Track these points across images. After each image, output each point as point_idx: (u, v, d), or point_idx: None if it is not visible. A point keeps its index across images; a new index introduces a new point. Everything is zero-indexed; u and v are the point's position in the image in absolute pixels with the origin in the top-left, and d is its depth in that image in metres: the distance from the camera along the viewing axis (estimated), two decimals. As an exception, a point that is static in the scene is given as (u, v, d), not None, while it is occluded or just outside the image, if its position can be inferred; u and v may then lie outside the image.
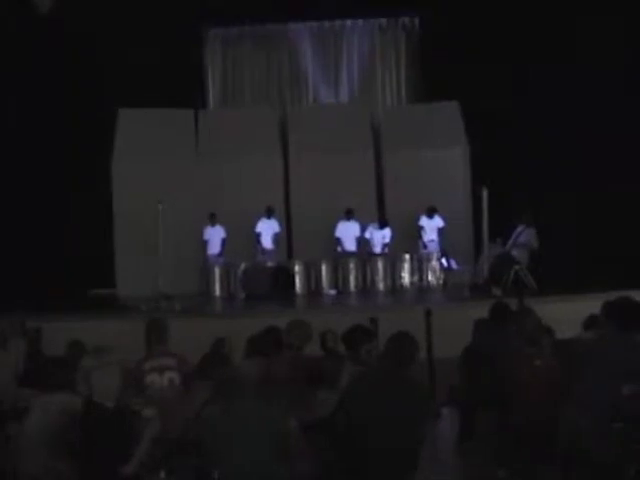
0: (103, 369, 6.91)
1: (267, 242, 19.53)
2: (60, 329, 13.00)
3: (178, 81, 20.45)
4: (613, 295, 7.72)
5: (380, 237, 19.52)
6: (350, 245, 19.51)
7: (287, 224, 20.49)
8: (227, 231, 19.40)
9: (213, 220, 19.38)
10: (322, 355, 8.74)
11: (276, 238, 19.62)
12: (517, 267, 17.35)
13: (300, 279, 19.14)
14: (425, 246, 19.54)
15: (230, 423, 6.28)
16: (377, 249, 19.53)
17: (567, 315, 10.73)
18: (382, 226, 19.55)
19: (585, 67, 18.72)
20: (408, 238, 19.69)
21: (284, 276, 18.70)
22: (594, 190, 18.63)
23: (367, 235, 19.54)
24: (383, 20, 23.23)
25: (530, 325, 8.42)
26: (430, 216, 19.50)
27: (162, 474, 6.77)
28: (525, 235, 17.63)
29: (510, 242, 17.65)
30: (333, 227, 19.48)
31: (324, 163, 20.02)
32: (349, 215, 19.38)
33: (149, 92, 19.81)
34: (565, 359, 7.70)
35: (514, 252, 17.51)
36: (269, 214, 19.43)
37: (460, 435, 9.00)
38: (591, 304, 9.75)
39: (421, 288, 19.25)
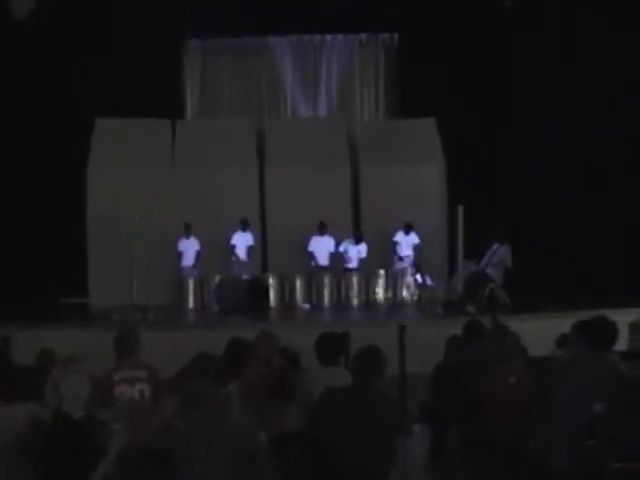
0: (72, 379, 6.83)
1: (242, 254, 19.48)
2: (30, 338, 12.87)
3: (156, 91, 20.38)
4: (587, 314, 7.75)
5: (355, 252, 19.50)
6: (323, 260, 19.49)
7: (262, 237, 20.44)
8: (202, 243, 19.33)
9: (188, 232, 19.31)
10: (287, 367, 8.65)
11: (250, 251, 19.56)
12: (492, 285, 17.38)
13: (274, 292, 19.08)
14: (401, 258, 19.51)
15: (197, 436, 6.23)
16: (353, 264, 19.48)
17: (540, 333, 10.70)
18: (358, 241, 19.52)
19: (566, 82, 18.80)
20: (383, 253, 19.70)
21: (258, 289, 18.64)
22: (569, 208, 18.69)
23: (341, 249, 19.50)
24: (363, 35, 23.26)
25: (509, 342, 8.40)
26: (407, 232, 19.52)
27: (129, 486, 6.70)
28: (500, 253, 17.67)
29: (485, 260, 17.68)
30: (308, 240, 19.44)
31: (301, 176, 19.99)
32: (322, 230, 19.36)
33: (127, 101, 19.75)
34: (537, 377, 7.70)
35: (489, 270, 17.54)
36: (244, 227, 19.38)
37: (430, 452, 8.96)
38: (564, 322, 9.76)
39: (395, 304, 19.22)
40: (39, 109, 19.32)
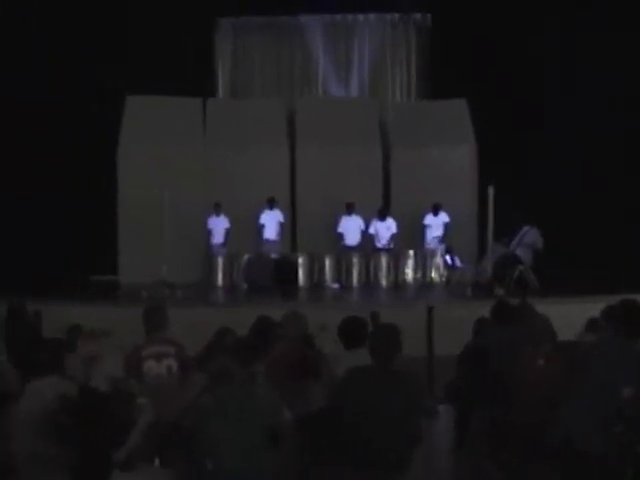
0: (102, 355, 6.86)
1: (271, 233, 19.48)
2: (60, 313, 13.00)
3: (188, 69, 20.43)
4: (616, 298, 7.69)
5: (385, 229, 19.42)
6: (352, 239, 19.46)
7: (292, 216, 20.44)
8: (231, 221, 19.36)
9: (218, 210, 19.33)
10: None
11: (281, 228, 19.57)
12: (521, 267, 17.33)
13: (303, 272, 19.10)
14: (430, 242, 19.47)
15: (223, 413, 6.25)
16: (383, 242, 19.39)
17: (569, 317, 10.67)
18: (382, 217, 19.43)
19: (596, 65, 18.62)
20: (412, 234, 19.65)
21: (287, 268, 18.68)
22: (601, 191, 18.54)
23: (372, 230, 19.45)
24: (395, 15, 23.17)
25: (537, 325, 8.36)
26: (435, 213, 19.47)
27: (156, 462, 6.73)
28: (530, 235, 17.59)
29: (515, 242, 17.60)
30: (338, 220, 19.42)
31: (331, 157, 19.97)
32: (350, 209, 19.33)
33: (158, 79, 19.73)
34: (566, 360, 7.66)
35: (518, 252, 17.48)
36: (271, 205, 19.37)
37: (455, 434, 8.94)
38: (594, 306, 9.72)
39: (424, 285, 19.19)
40: (71, 86, 19.35)
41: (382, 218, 19.44)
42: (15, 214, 18.53)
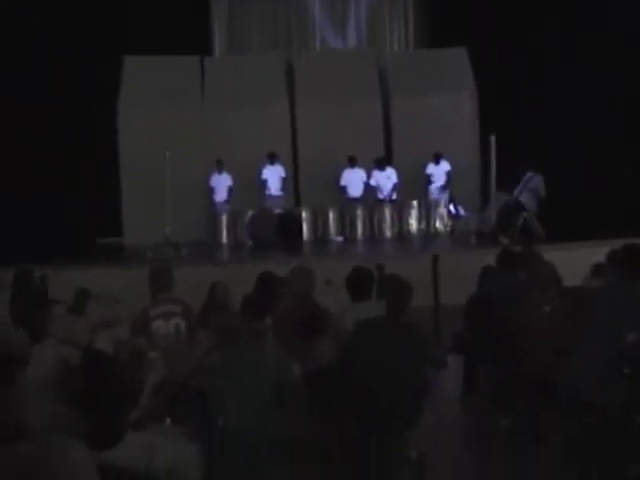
0: (118, 320, 6.87)
1: (274, 188, 19.47)
2: (67, 277, 13.05)
3: (184, 27, 20.28)
4: (620, 242, 7.69)
5: (385, 179, 19.38)
6: (356, 191, 19.44)
7: (294, 171, 20.42)
8: (234, 178, 19.34)
9: (220, 167, 19.30)
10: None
11: (283, 182, 19.54)
12: (525, 214, 17.32)
13: (307, 226, 19.13)
14: (433, 191, 19.46)
15: (231, 372, 6.29)
16: (385, 193, 19.37)
17: (574, 262, 10.66)
18: (381, 166, 19.40)
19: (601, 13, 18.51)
20: (416, 185, 19.63)
21: (291, 223, 18.70)
22: (604, 135, 18.45)
23: (372, 182, 19.42)
24: (392, -36, 23.00)
25: (542, 271, 8.37)
26: (437, 162, 19.44)
27: (167, 421, 6.78)
28: (534, 182, 17.55)
29: (519, 188, 17.56)
30: (341, 174, 19.40)
31: (331, 109, 19.94)
32: (352, 163, 19.30)
33: (155, 38, 19.63)
34: (572, 307, 7.67)
35: (522, 198, 17.44)
36: (272, 160, 19.33)
37: (464, 384, 8.98)
38: (599, 251, 9.73)
39: (428, 235, 19.20)
40: (66, 49, 19.23)
41: (381, 168, 19.38)
42: (17, 180, 18.48)
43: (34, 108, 18.76)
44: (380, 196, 19.38)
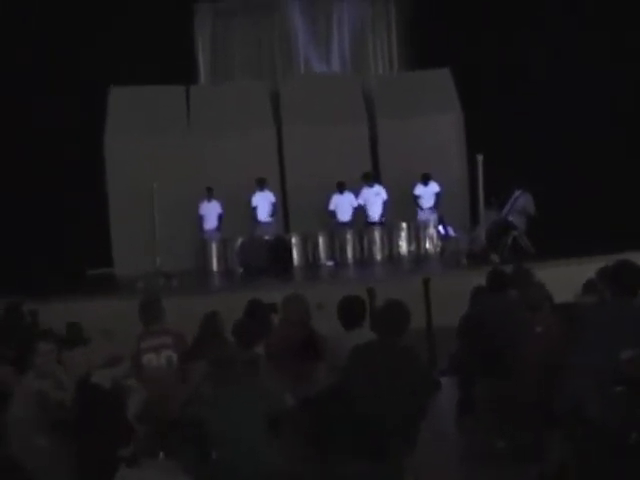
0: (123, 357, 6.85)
1: (263, 215, 19.46)
2: (57, 310, 12.99)
3: (168, 56, 20.25)
4: (610, 258, 7.69)
5: (373, 195, 19.36)
6: (345, 216, 19.43)
7: (282, 197, 20.43)
8: (223, 206, 19.33)
9: (210, 195, 19.31)
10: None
11: (273, 208, 19.54)
12: (515, 233, 17.32)
13: (297, 251, 19.10)
14: (423, 212, 19.46)
15: (225, 403, 6.25)
16: (376, 213, 19.34)
17: (565, 279, 10.66)
18: (368, 182, 19.38)
19: (579, 28, 18.54)
20: (404, 207, 19.63)
21: (281, 249, 18.67)
22: (593, 152, 18.44)
23: (360, 201, 19.41)
24: (374, -13, 23.07)
25: (533, 290, 8.36)
26: (425, 183, 19.46)
27: (161, 456, 6.73)
28: (522, 200, 17.56)
29: (507, 207, 17.58)
30: (329, 198, 19.41)
31: (317, 134, 19.95)
32: (341, 188, 19.32)
33: (139, 68, 19.64)
34: (564, 324, 7.65)
35: (511, 218, 17.46)
36: (261, 186, 19.33)
37: (459, 405, 8.95)
38: (589, 267, 9.73)
39: (418, 257, 19.19)
40: (51, 80, 19.20)
41: (369, 184, 19.37)
42: (6, 213, 18.43)
43: (20, 140, 18.74)
44: (370, 218, 19.35)
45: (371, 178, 19.55)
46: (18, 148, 18.74)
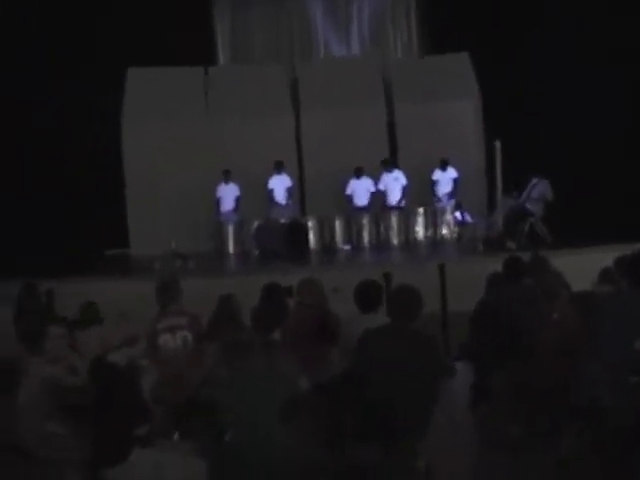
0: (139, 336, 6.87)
1: (280, 198, 19.46)
2: (74, 291, 13.02)
3: (187, 39, 20.24)
4: (628, 247, 7.67)
5: (393, 180, 19.36)
6: (362, 201, 19.42)
7: (300, 180, 20.42)
8: (241, 188, 19.33)
9: (227, 177, 19.31)
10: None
11: (289, 192, 19.53)
12: (532, 220, 17.27)
13: (314, 235, 19.08)
14: (439, 199, 19.45)
15: (241, 384, 6.25)
16: (395, 197, 19.33)
17: (582, 268, 10.63)
18: (387, 168, 19.39)
19: (602, 14, 18.40)
20: (422, 192, 19.61)
21: (298, 232, 18.65)
22: (611, 138, 18.34)
23: (381, 187, 19.42)
24: (394, -30, 22.98)
25: (550, 278, 8.33)
26: (443, 168, 19.44)
27: (175, 436, 6.74)
28: (539, 187, 17.49)
29: (524, 194, 17.52)
30: (346, 182, 19.39)
31: (336, 118, 19.91)
32: (359, 174, 19.30)
33: (159, 50, 19.63)
34: (581, 313, 7.63)
35: (529, 205, 17.40)
36: (279, 169, 19.34)
37: (473, 392, 8.93)
38: (607, 256, 9.69)
39: (435, 242, 19.17)
40: (71, 61, 19.22)
41: (388, 169, 19.37)
42: (23, 194, 18.49)
43: (39, 122, 18.77)
44: (389, 203, 19.34)
45: (390, 164, 19.54)
46: (37, 130, 18.77)
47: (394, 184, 19.38)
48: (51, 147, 19.00)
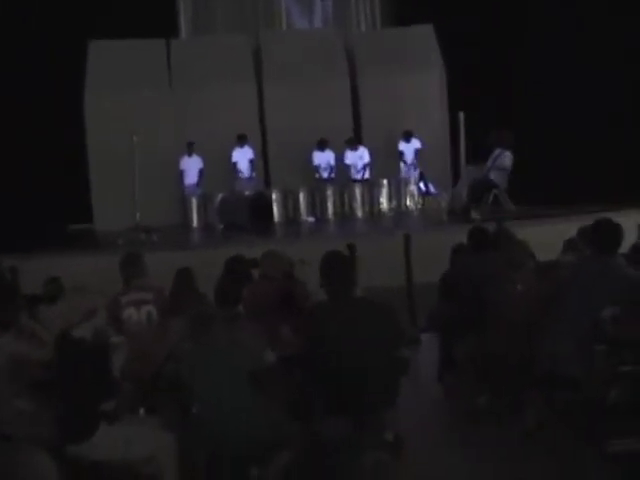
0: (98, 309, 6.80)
1: (244, 170, 19.41)
2: (38, 267, 12.91)
3: (149, 9, 20.07)
4: (593, 217, 7.70)
5: (357, 158, 19.37)
6: (326, 174, 19.43)
7: (263, 152, 20.36)
8: (204, 161, 19.25)
9: (190, 150, 19.23)
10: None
11: (252, 164, 19.47)
12: (496, 191, 17.31)
13: (278, 207, 19.05)
14: (408, 168, 19.47)
15: (206, 357, 6.23)
16: (357, 174, 19.34)
17: (546, 238, 10.69)
18: (352, 146, 19.37)
19: None
20: (386, 163, 19.61)
21: (262, 205, 18.60)
22: (573, 111, 18.38)
23: (347, 161, 19.41)
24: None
25: (515, 249, 8.35)
26: (407, 140, 19.46)
27: (141, 412, 6.73)
28: (502, 158, 17.51)
29: (488, 164, 17.53)
30: (310, 154, 19.35)
31: (299, 90, 19.86)
32: (322, 145, 19.27)
33: (119, 22, 19.45)
34: (545, 283, 7.66)
35: (492, 175, 17.42)
36: (242, 142, 19.26)
37: (440, 362, 8.97)
38: (570, 226, 9.75)
39: (399, 213, 19.19)
40: (31, 34, 19.00)
41: (353, 148, 19.38)
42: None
43: (1, 96, 18.56)
44: (354, 176, 19.35)
45: (354, 142, 19.52)
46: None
47: (358, 162, 19.39)
48: (12, 120, 18.78)
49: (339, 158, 19.41)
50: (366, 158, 19.36)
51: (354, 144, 19.43)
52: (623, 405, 6.36)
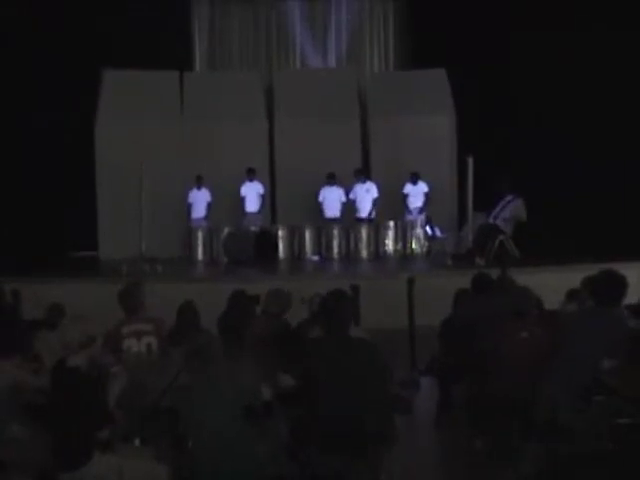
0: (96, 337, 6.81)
1: (251, 206, 19.43)
2: (40, 292, 12.93)
3: (165, 42, 20.19)
4: (596, 267, 7.69)
5: (364, 192, 19.33)
6: (333, 211, 19.39)
7: (271, 189, 20.40)
8: (212, 194, 19.29)
9: (199, 183, 19.27)
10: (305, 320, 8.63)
11: (261, 200, 19.49)
12: (501, 237, 17.31)
13: (283, 244, 19.05)
14: (410, 212, 19.47)
15: (203, 391, 6.22)
16: (365, 210, 19.31)
17: (550, 286, 10.67)
18: (360, 177, 19.36)
19: (576, 35, 18.46)
20: (393, 205, 19.61)
21: (267, 241, 18.62)
22: (584, 158, 18.37)
23: (352, 196, 19.41)
24: (372, -16, 23.05)
25: (521, 296, 8.33)
26: (414, 182, 19.46)
27: (137, 442, 6.69)
28: (513, 206, 17.51)
29: (496, 211, 17.54)
30: (318, 192, 19.38)
31: (309, 128, 19.92)
32: (331, 180, 19.27)
33: (135, 53, 19.55)
34: (550, 332, 7.64)
35: (499, 222, 17.44)
36: (251, 177, 19.30)
37: (438, 406, 8.93)
38: (575, 275, 9.73)
39: (404, 256, 19.18)
40: (46, 62, 19.09)
41: (361, 180, 19.35)
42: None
43: (11, 120, 18.63)
44: (359, 215, 19.33)
45: (362, 174, 19.54)
46: (8, 127, 18.63)
47: (365, 195, 19.35)
48: (22, 146, 18.87)
49: (346, 193, 19.39)
50: (374, 192, 19.30)
51: (362, 175, 19.41)
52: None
